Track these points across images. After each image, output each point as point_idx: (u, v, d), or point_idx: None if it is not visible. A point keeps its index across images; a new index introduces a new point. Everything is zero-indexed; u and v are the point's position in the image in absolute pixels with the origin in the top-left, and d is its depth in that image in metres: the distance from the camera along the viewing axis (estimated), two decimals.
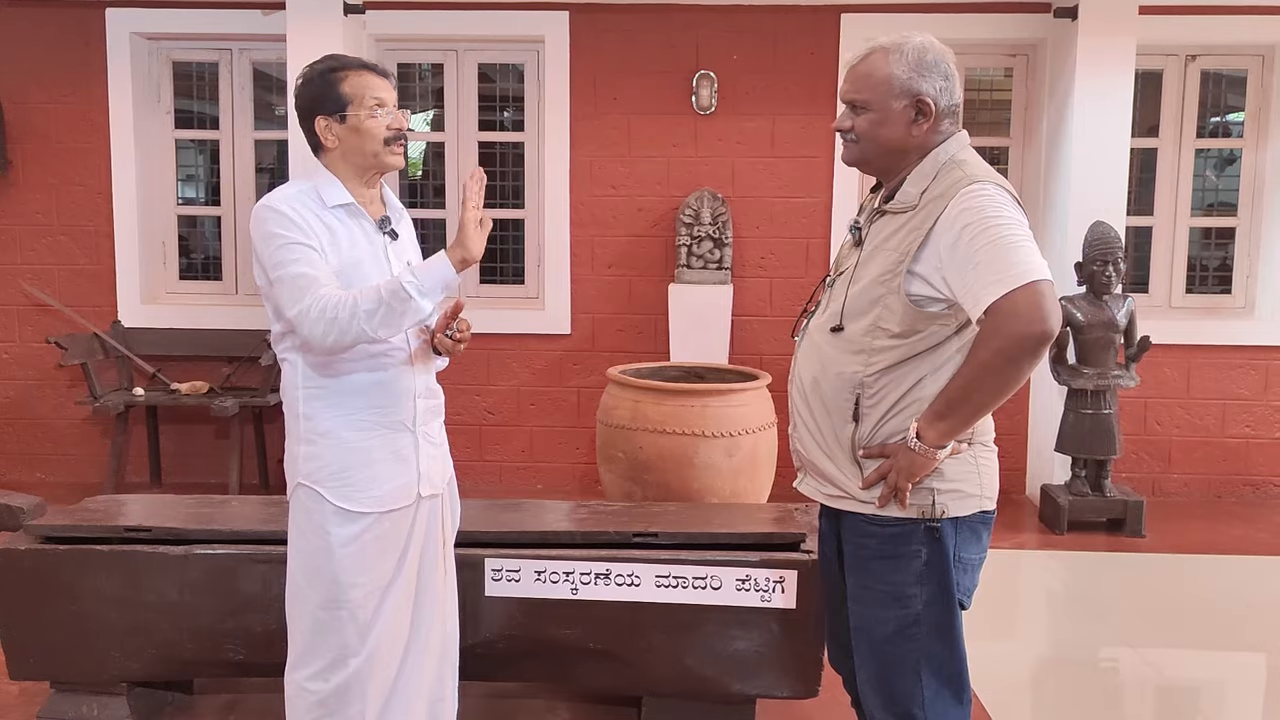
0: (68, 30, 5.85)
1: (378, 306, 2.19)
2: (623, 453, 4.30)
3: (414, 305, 2.20)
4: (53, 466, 6.12)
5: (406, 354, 2.40)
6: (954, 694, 2.18)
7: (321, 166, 2.41)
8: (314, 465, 2.34)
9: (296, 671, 2.41)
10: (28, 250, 5.99)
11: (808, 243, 5.89)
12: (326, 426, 2.34)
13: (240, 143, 6.08)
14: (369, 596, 2.36)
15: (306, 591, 2.37)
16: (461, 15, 5.75)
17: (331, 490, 2.33)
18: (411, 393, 2.42)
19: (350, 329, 2.19)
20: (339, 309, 2.19)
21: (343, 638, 2.35)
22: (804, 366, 2.25)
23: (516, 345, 5.96)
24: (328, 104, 2.33)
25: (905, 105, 2.11)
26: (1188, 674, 3.78)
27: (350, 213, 2.36)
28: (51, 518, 3.15)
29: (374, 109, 2.33)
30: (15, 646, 3.00)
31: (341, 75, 2.33)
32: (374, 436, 2.36)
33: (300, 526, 2.38)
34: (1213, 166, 6.19)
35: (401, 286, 2.18)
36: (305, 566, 2.37)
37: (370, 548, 2.35)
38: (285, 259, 2.25)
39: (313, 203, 2.32)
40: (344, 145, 2.36)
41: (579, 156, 5.86)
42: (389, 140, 2.35)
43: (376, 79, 2.36)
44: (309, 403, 2.35)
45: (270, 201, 2.31)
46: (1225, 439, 5.93)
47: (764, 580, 2.87)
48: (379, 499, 2.36)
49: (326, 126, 2.34)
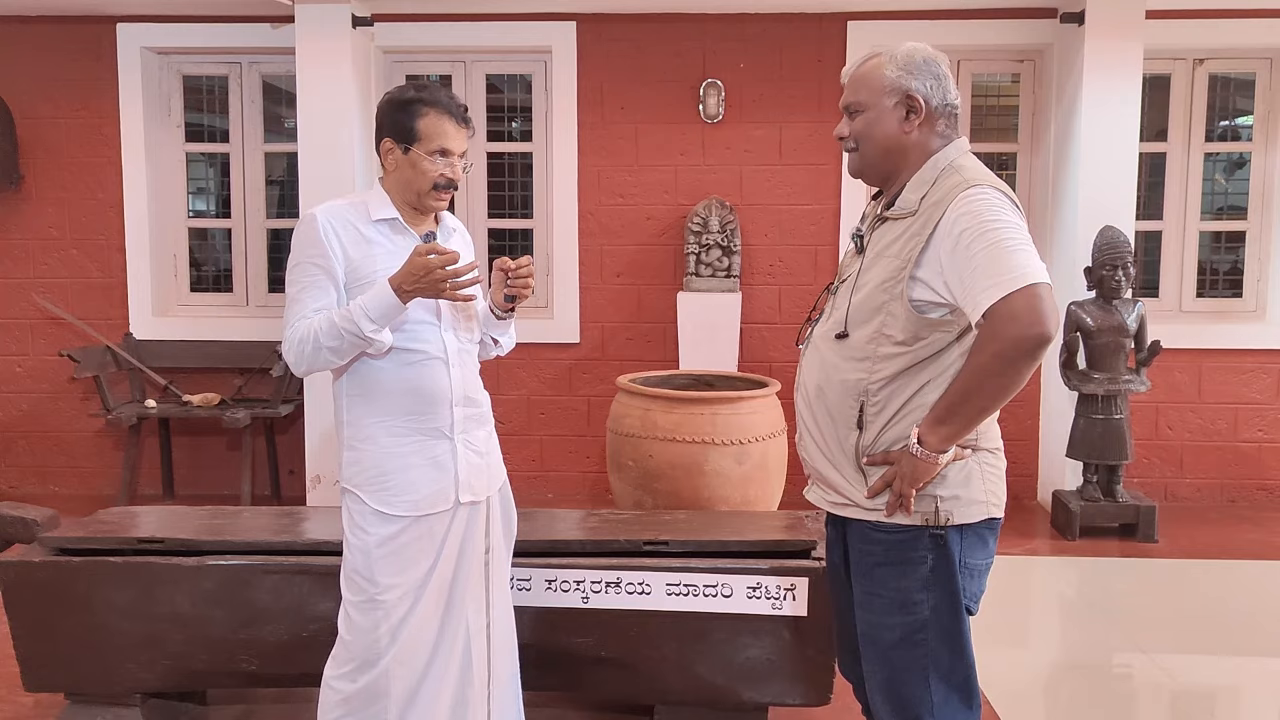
0: (79, 45, 5.89)
1: (340, 343, 2.31)
2: (633, 461, 4.30)
3: (371, 341, 2.32)
4: (66, 479, 6.15)
5: (442, 360, 2.45)
6: (963, 699, 2.18)
7: (378, 180, 2.52)
8: (354, 470, 2.44)
9: (331, 668, 2.48)
10: (40, 264, 6.04)
11: (816, 250, 5.89)
12: (367, 433, 2.43)
13: (250, 155, 6.12)
14: (403, 598, 2.41)
15: (346, 593, 2.45)
16: (469, 27, 5.78)
17: (369, 494, 2.41)
18: (448, 401, 2.46)
19: (317, 360, 2.35)
20: (304, 343, 2.33)
21: (375, 637, 2.41)
22: (809, 374, 2.26)
23: (526, 355, 5.97)
24: (399, 131, 2.41)
25: (896, 103, 2.15)
26: (1201, 679, 3.76)
27: (394, 228, 2.45)
28: (65, 530, 3.17)
29: (436, 155, 2.40)
30: (30, 658, 3.02)
31: (424, 111, 2.39)
32: (410, 443, 2.43)
33: (344, 526, 2.47)
34: (1222, 170, 6.17)
35: (355, 325, 2.29)
36: (347, 567, 2.45)
37: (406, 550, 2.42)
38: (296, 279, 2.39)
39: (356, 216, 2.42)
40: (398, 173, 2.45)
41: (587, 166, 5.88)
42: (438, 186, 2.42)
43: (454, 128, 2.42)
44: (351, 409, 2.45)
45: (311, 213, 2.41)
46: (1237, 443, 5.91)
47: (775, 588, 2.88)
48: (415, 503, 2.42)
49: (389, 150, 2.43)
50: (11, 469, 6.16)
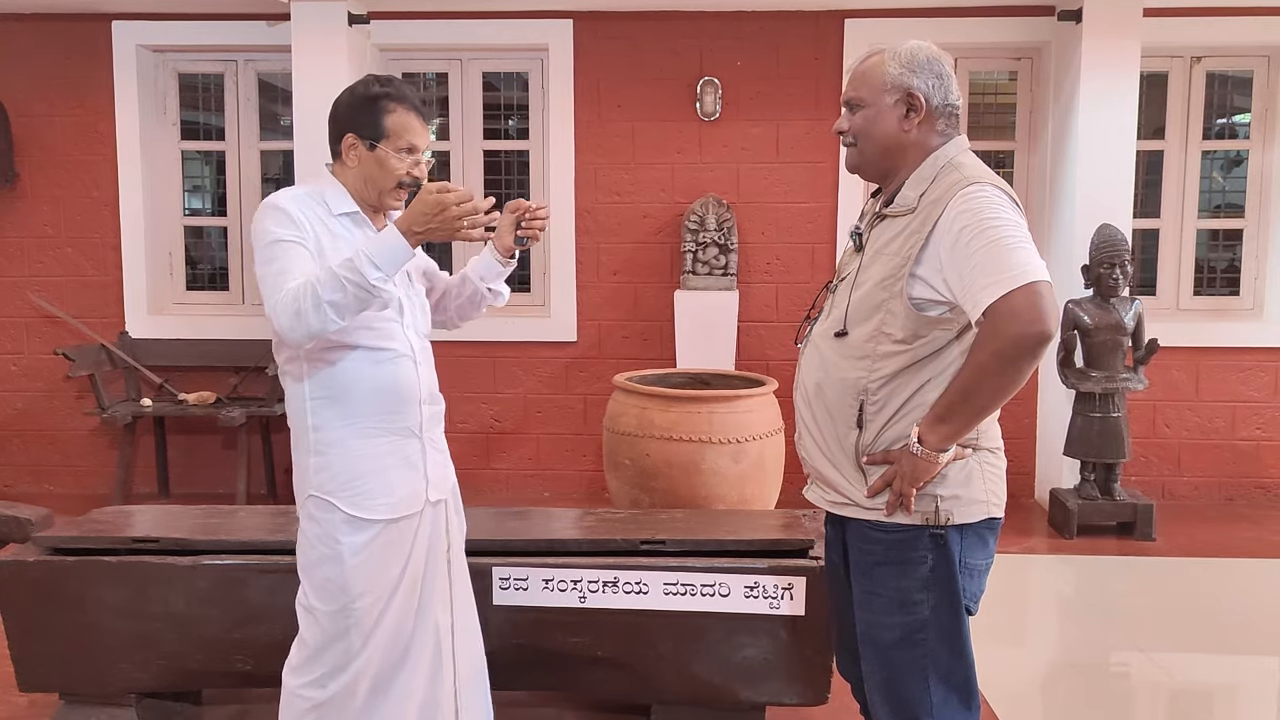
0: (74, 43, 5.87)
1: (342, 295, 2.14)
2: (629, 460, 4.29)
3: (377, 291, 2.17)
4: (60, 478, 6.13)
5: (409, 357, 2.40)
6: (962, 700, 2.17)
7: (330, 174, 2.41)
8: (325, 476, 2.33)
9: (297, 677, 2.41)
10: (35, 262, 6.02)
11: (813, 248, 5.88)
12: (336, 436, 2.33)
13: (246, 153, 6.10)
14: (375, 604, 2.36)
15: (315, 602, 2.37)
16: (465, 25, 5.77)
17: (344, 499, 2.32)
18: (417, 398, 2.42)
19: (318, 318, 2.15)
20: (301, 298, 2.14)
21: (346, 644, 2.36)
22: (808, 373, 2.25)
23: (523, 353, 5.96)
24: (364, 127, 2.34)
25: (896, 100, 2.14)
26: (1199, 678, 3.76)
27: (355, 221, 2.37)
28: (59, 529, 3.16)
29: (403, 152, 2.35)
30: (24, 658, 3.01)
31: (391, 107, 2.33)
32: (384, 444, 2.36)
33: (309, 537, 2.37)
34: (1219, 168, 6.17)
35: (360, 273, 2.13)
36: (314, 577, 2.37)
37: (378, 555, 2.35)
38: (273, 255, 2.22)
39: (318, 207, 2.32)
40: (361, 170, 2.37)
41: (584, 164, 5.87)
42: (402, 185, 2.37)
43: (420, 125, 2.37)
44: (317, 413, 2.33)
45: (274, 199, 2.30)
46: (1235, 441, 5.91)
47: (772, 587, 2.87)
48: (391, 506, 2.36)
49: (353, 146, 2.35)
50: (6, 468, 6.14)
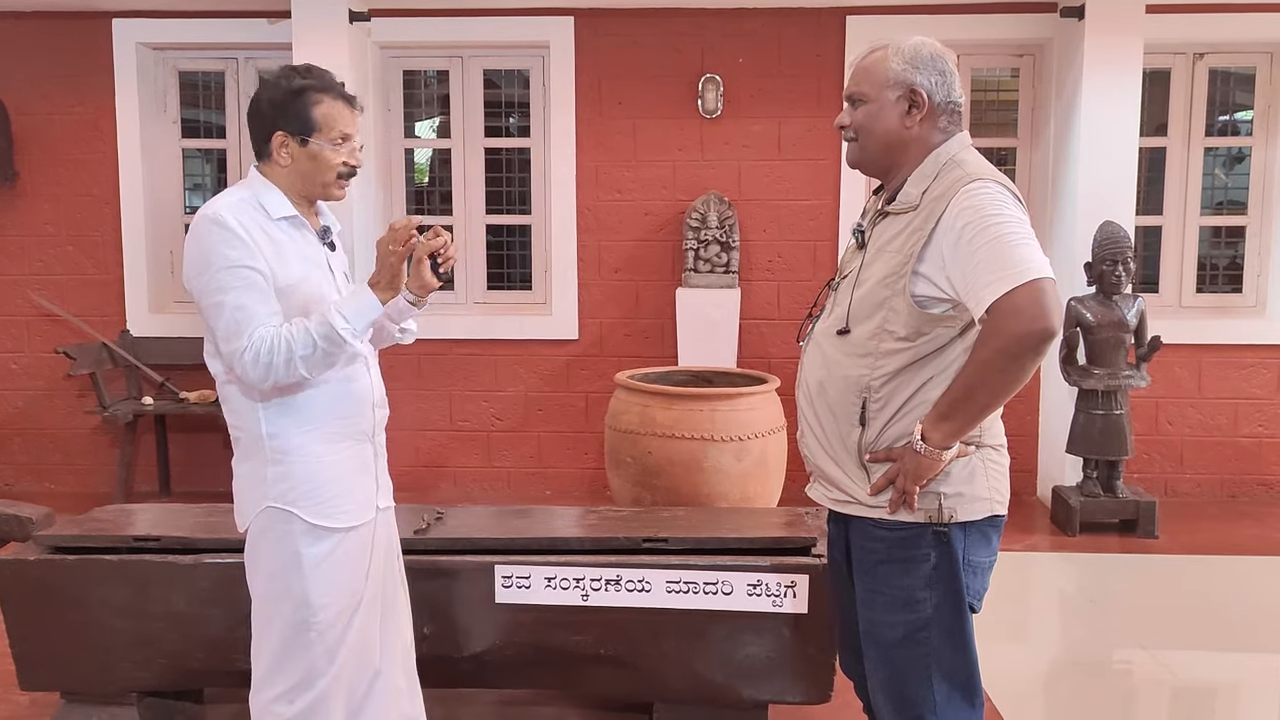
0: (74, 41, 5.86)
1: (313, 352, 2.14)
2: (631, 458, 4.29)
3: (347, 349, 2.17)
4: (61, 476, 6.13)
5: (362, 360, 2.35)
6: (965, 698, 2.16)
7: (259, 174, 2.31)
8: (284, 486, 2.25)
9: (262, 692, 2.35)
10: (36, 261, 6.01)
11: (815, 245, 5.87)
12: (295, 442, 2.25)
13: (246, 151, 6.08)
14: (339, 616, 2.31)
15: (273, 614, 2.31)
16: (466, 22, 5.76)
17: (306, 509, 2.25)
18: (370, 402, 2.38)
19: (287, 373, 2.14)
20: (274, 353, 2.12)
21: (310, 658, 2.29)
22: (810, 371, 2.24)
23: (524, 351, 5.96)
24: (293, 123, 2.24)
25: (899, 96, 2.13)
26: (1202, 675, 3.75)
27: (295, 225, 2.30)
28: (60, 528, 3.15)
29: (337, 142, 2.27)
30: (25, 657, 3.00)
31: (317, 99, 2.24)
32: (343, 449, 2.31)
33: (264, 550, 2.30)
34: (1222, 165, 6.16)
35: (335, 332, 2.14)
36: (272, 589, 2.30)
37: (340, 565, 2.30)
38: (227, 283, 2.15)
39: (257, 214, 2.23)
40: (295, 167, 2.27)
41: (585, 161, 5.86)
42: (341, 175, 2.30)
43: (349, 113, 2.29)
44: (272, 420, 2.25)
45: (216, 214, 2.17)
46: (1237, 438, 5.90)
47: (775, 585, 2.86)
48: (350, 514, 2.31)
49: (283, 144, 2.26)
50: (7, 466, 6.13)
